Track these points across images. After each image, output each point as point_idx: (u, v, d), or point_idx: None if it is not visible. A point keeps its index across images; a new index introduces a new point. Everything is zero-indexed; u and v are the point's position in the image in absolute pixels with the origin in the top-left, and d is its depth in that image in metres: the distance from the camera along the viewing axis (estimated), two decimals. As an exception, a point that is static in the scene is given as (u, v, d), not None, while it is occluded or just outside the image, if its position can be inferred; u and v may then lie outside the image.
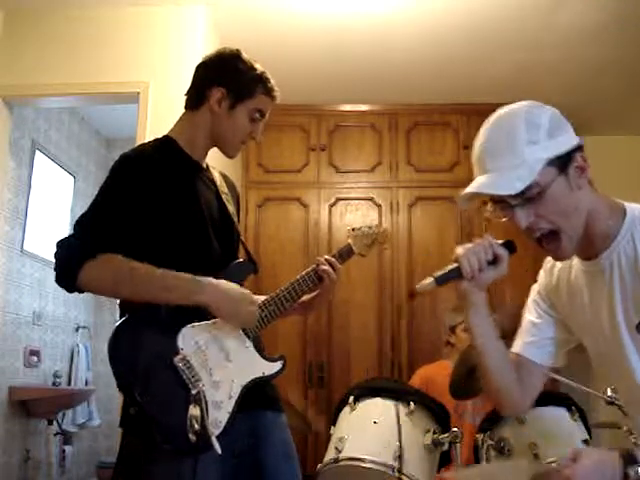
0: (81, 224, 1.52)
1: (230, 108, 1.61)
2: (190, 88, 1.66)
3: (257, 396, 1.56)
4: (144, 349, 1.41)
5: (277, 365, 1.60)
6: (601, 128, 4.45)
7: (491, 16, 3.38)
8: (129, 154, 1.58)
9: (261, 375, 1.55)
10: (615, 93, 4.12)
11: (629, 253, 1.17)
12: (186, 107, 1.67)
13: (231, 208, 1.68)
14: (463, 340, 3.00)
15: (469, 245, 1.23)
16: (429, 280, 1.21)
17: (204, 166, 1.69)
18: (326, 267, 1.69)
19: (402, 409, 2.10)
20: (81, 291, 1.51)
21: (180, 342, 1.44)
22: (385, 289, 4.00)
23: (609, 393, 2.10)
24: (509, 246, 1.23)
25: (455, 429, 2.07)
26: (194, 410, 1.38)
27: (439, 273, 1.22)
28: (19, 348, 4.09)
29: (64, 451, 4.36)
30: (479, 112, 4.17)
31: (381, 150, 4.23)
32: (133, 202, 1.50)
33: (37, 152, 4.36)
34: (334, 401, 2.62)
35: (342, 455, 1.99)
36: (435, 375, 3.02)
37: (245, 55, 1.65)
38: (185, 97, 1.67)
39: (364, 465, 1.96)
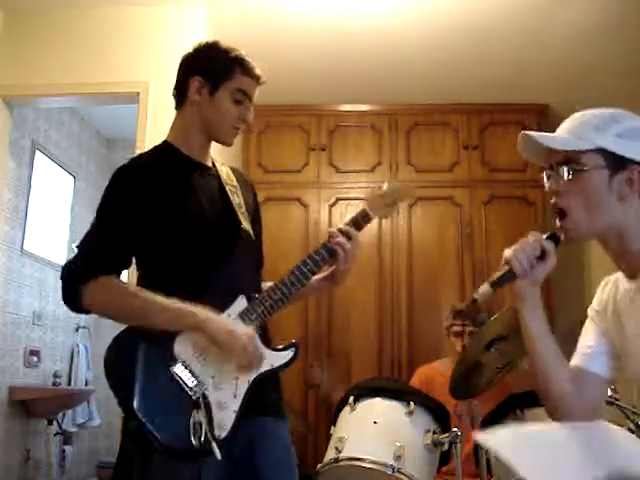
0: (81, 246, 1.54)
1: (210, 94, 1.58)
2: (173, 89, 1.66)
3: (257, 401, 1.49)
4: (140, 364, 1.41)
5: (287, 354, 1.52)
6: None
7: (491, 16, 3.38)
8: (123, 165, 1.60)
9: (270, 367, 1.49)
10: (615, 93, 4.12)
11: None
12: (175, 108, 1.67)
13: (238, 199, 1.64)
14: (452, 344, 3.04)
15: (516, 245, 1.25)
16: (485, 286, 1.23)
17: (207, 163, 1.66)
18: (338, 239, 1.57)
19: (402, 409, 2.10)
20: (88, 312, 1.52)
21: (177, 350, 1.42)
22: (385, 289, 4.00)
23: (609, 393, 2.10)
24: (554, 238, 1.25)
25: (455, 429, 2.07)
26: (197, 416, 1.37)
27: (493, 277, 1.24)
28: (19, 348, 4.10)
29: (64, 451, 4.36)
30: (479, 112, 4.25)
31: (381, 150, 4.23)
32: (129, 215, 1.51)
33: (37, 152, 4.37)
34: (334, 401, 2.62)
35: (342, 455, 1.99)
36: (435, 375, 3.02)
37: (223, 44, 1.63)
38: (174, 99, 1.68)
39: (364, 465, 1.96)
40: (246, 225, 1.61)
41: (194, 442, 1.34)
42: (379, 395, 2.17)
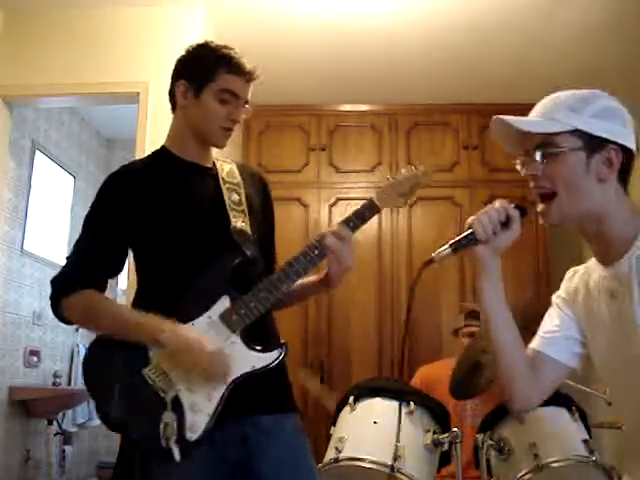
0: (67, 258, 1.58)
1: (195, 97, 1.56)
2: (168, 91, 1.65)
3: (249, 400, 1.46)
4: (114, 365, 1.43)
5: (271, 356, 1.45)
6: (601, 128, 4.46)
7: (491, 16, 3.38)
8: (112, 172, 1.62)
9: (251, 369, 1.42)
10: (614, 93, 4.12)
11: None
12: (172, 111, 1.67)
13: (238, 197, 1.60)
14: (464, 344, 3.00)
15: (482, 210, 1.23)
16: (445, 247, 1.21)
17: (204, 164, 1.64)
18: (328, 239, 1.48)
19: (402, 409, 2.10)
20: (67, 324, 1.56)
21: (151, 352, 1.42)
22: (385, 289, 4.00)
23: (609, 393, 2.10)
24: (521, 208, 1.23)
25: (455, 429, 2.07)
26: (166, 417, 1.36)
27: (454, 240, 1.22)
28: (19, 348, 4.10)
29: (64, 451, 4.36)
30: (479, 112, 4.25)
31: (381, 150, 4.23)
32: (111, 225, 1.54)
33: (37, 152, 4.37)
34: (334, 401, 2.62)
35: (342, 455, 1.99)
36: (436, 374, 3.01)
37: (213, 43, 1.60)
38: None
39: (364, 465, 1.96)
40: (239, 223, 1.55)
41: (163, 442, 1.34)
42: (379, 395, 2.17)
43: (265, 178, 1.78)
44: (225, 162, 1.70)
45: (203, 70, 1.57)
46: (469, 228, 1.22)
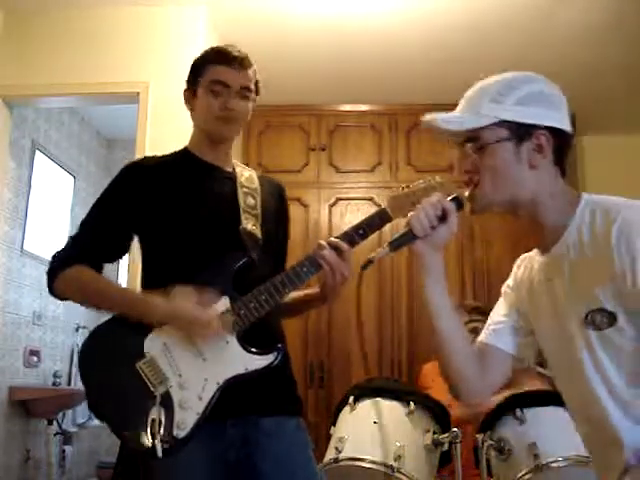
0: (70, 237, 1.61)
1: (193, 98, 1.62)
2: None
3: (252, 400, 1.46)
4: (108, 358, 1.45)
5: (266, 358, 1.43)
6: (601, 128, 4.45)
7: (491, 16, 3.38)
8: (133, 160, 1.68)
9: (243, 371, 1.41)
10: (615, 93, 4.12)
11: (577, 245, 1.14)
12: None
13: (253, 201, 1.60)
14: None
15: (418, 206, 1.22)
16: (383, 247, 1.21)
17: (222, 166, 1.65)
18: (324, 251, 1.46)
19: (402, 409, 2.11)
20: (61, 298, 1.58)
21: (147, 345, 1.43)
22: (385, 289, 4.00)
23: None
24: (457, 201, 1.22)
25: (455, 429, 2.07)
26: (154, 412, 1.36)
27: (393, 238, 1.21)
28: (19, 348, 4.10)
29: (64, 451, 4.36)
30: (479, 112, 4.23)
31: (381, 150, 4.23)
32: (116, 210, 1.58)
33: (37, 152, 4.37)
34: (334, 401, 2.62)
35: (342, 455, 1.99)
36: (438, 373, 3.00)
37: (212, 47, 1.64)
38: None
39: (364, 465, 1.96)
40: (249, 226, 1.55)
41: (149, 438, 1.34)
42: (379, 395, 2.17)
43: (284, 189, 1.77)
44: (245, 168, 1.72)
45: (195, 70, 1.62)
46: (406, 225, 1.21)
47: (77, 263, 1.52)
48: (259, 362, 1.43)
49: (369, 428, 2.07)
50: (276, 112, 4.14)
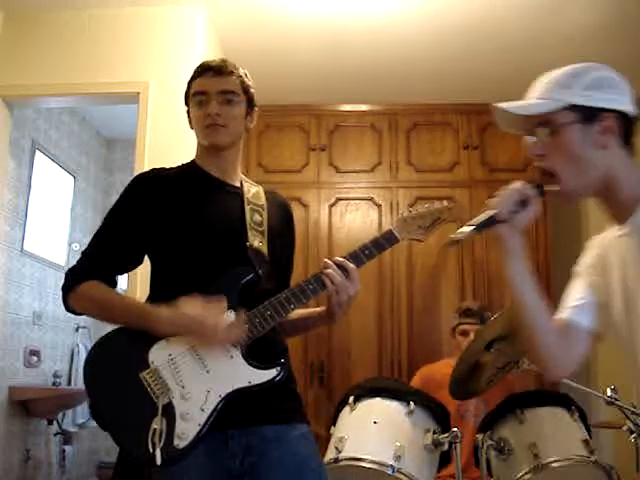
0: (83, 252, 1.61)
1: (188, 115, 1.67)
2: None
3: (253, 410, 1.46)
4: (112, 367, 1.46)
5: (269, 373, 1.45)
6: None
7: (491, 16, 3.38)
8: (139, 173, 1.68)
9: (247, 385, 1.43)
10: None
11: None
12: None
13: (259, 218, 1.61)
14: (459, 343, 3.01)
15: (502, 191, 1.28)
16: (467, 227, 1.25)
17: (230, 181, 1.66)
18: (329, 270, 1.49)
19: (402, 409, 2.11)
20: (77, 314, 1.60)
21: (151, 356, 1.44)
22: (385, 289, 4.00)
23: (609, 393, 2.10)
24: (539, 188, 1.27)
25: (455, 429, 2.07)
26: (156, 422, 1.36)
27: (475, 220, 1.27)
28: (19, 348, 4.10)
29: (64, 451, 4.36)
30: (479, 112, 4.25)
31: (381, 150, 4.23)
32: (127, 223, 1.58)
33: (37, 152, 4.37)
34: (334, 401, 2.62)
35: (342, 455, 2.00)
36: (437, 374, 3.00)
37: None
38: None
39: (364, 465, 1.96)
40: (256, 243, 1.56)
41: (150, 448, 1.34)
42: (379, 395, 2.17)
43: (290, 207, 1.79)
44: (253, 185, 1.72)
45: (186, 90, 1.67)
46: (489, 209, 1.28)
47: (89, 279, 1.54)
48: (262, 376, 1.45)
49: (369, 428, 2.08)
50: (276, 112, 4.13)
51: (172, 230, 1.55)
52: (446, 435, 2.06)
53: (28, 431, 4.09)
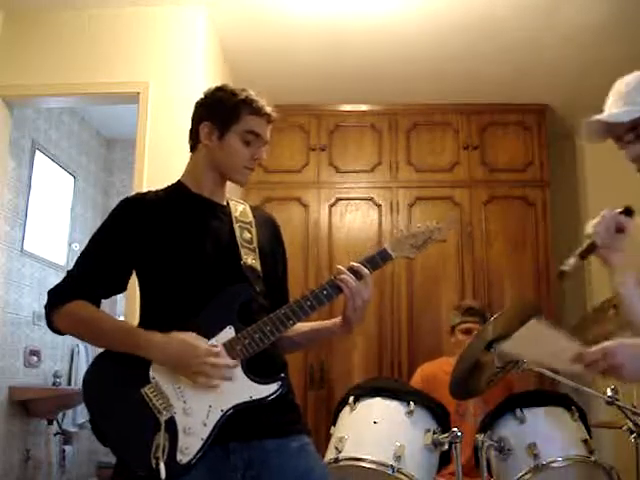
0: (68, 271, 1.60)
1: (219, 139, 1.61)
2: (189, 132, 1.69)
3: (254, 424, 1.47)
4: (113, 383, 1.46)
5: (270, 388, 1.47)
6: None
7: (491, 16, 3.38)
8: (127, 197, 1.66)
9: (248, 399, 1.44)
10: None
11: None
12: (190, 151, 1.70)
13: (249, 235, 1.64)
14: (461, 342, 3.00)
15: (595, 220, 1.44)
16: (573, 258, 1.42)
17: (218, 201, 1.67)
18: (344, 275, 1.54)
19: (402, 409, 2.11)
20: (60, 334, 1.58)
21: (152, 371, 1.44)
22: (385, 289, 4.00)
23: (609, 393, 2.10)
24: (627, 211, 1.43)
25: (455, 429, 2.07)
26: (158, 438, 1.37)
27: (578, 250, 1.44)
28: (19, 348, 4.09)
29: (64, 451, 4.36)
30: (479, 112, 4.25)
31: (381, 150, 4.23)
32: (114, 245, 1.57)
33: (37, 152, 4.37)
34: (334, 401, 2.62)
35: (342, 455, 2.00)
36: (437, 373, 3.00)
37: (230, 86, 1.65)
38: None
39: (364, 465, 1.96)
40: (249, 260, 1.59)
41: (153, 463, 1.35)
42: (379, 395, 2.17)
43: (277, 221, 1.80)
44: (239, 202, 1.74)
45: (227, 112, 1.61)
46: (587, 238, 1.44)
47: (75, 298, 1.53)
48: (263, 391, 1.46)
49: (369, 428, 2.08)
50: (276, 112, 4.13)
51: (164, 252, 1.55)
52: (446, 435, 2.06)
53: (28, 431, 4.09)
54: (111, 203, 5.35)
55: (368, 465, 1.96)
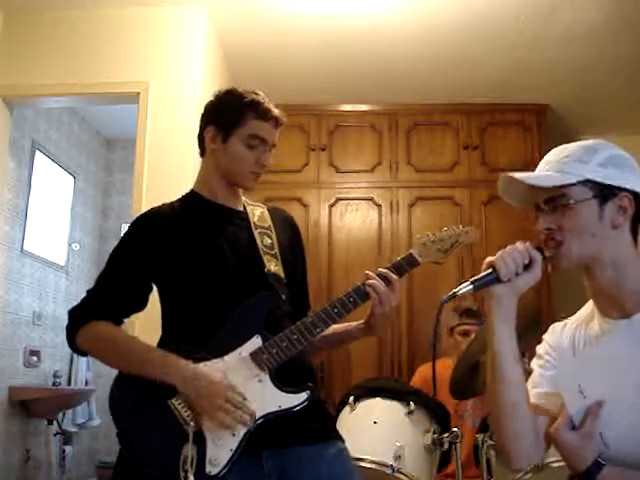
0: (88, 291, 1.59)
1: (224, 142, 1.59)
2: (197, 136, 1.67)
3: (287, 432, 1.46)
4: (140, 395, 1.45)
5: (299, 397, 1.45)
6: (600, 128, 4.45)
7: (490, 16, 3.38)
8: (142, 213, 1.64)
9: (277, 409, 1.43)
10: (614, 93, 4.12)
11: None
12: (200, 156, 1.69)
13: (270, 241, 1.62)
14: (459, 343, 3.00)
15: (504, 250, 1.22)
16: (467, 285, 1.22)
17: (234, 207, 1.65)
18: (372, 281, 1.52)
19: (402, 409, 2.11)
20: (83, 355, 1.59)
21: None
22: (385, 289, 4.00)
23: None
24: (542, 251, 1.22)
25: (455, 429, 2.07)
26: (187, 449, 1.36)
27: (476, 277, 1.23)
28: (19, 348, 4.09)
29: (64, 451, 4.36)
30: (479, 112, 4.25)
31: (381, 150, 4.23)
32: (134, 264, 1.56)
33: (37, 152, 4.36)
34: (334, 401, 2.62)
35: (342, 455, 1.99)
36: (437, 373, 2.99)
37: (240, 89, 1.61)
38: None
39: (364, 465, 1.96)
40: (272, 267, 1.57)
41: (181, 474, 1.33)
42: (379, 395, 2.17)
43: (295, 221, 1.78)
44: (256, 206, 1.72)
45: (231, 115, 1.58)
46: (490, 267, 1.23)
47: (98, 318, 1.52)
48: (292, 400, 1.45)
49: (369, 428, 2.08)
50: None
51: (184, 266, 1.53)
52: (446, 435, 2.06)
53: (28, 431, 4.09)
54: (111, 203, 5.37)
55: (368, 465, 1.96)
